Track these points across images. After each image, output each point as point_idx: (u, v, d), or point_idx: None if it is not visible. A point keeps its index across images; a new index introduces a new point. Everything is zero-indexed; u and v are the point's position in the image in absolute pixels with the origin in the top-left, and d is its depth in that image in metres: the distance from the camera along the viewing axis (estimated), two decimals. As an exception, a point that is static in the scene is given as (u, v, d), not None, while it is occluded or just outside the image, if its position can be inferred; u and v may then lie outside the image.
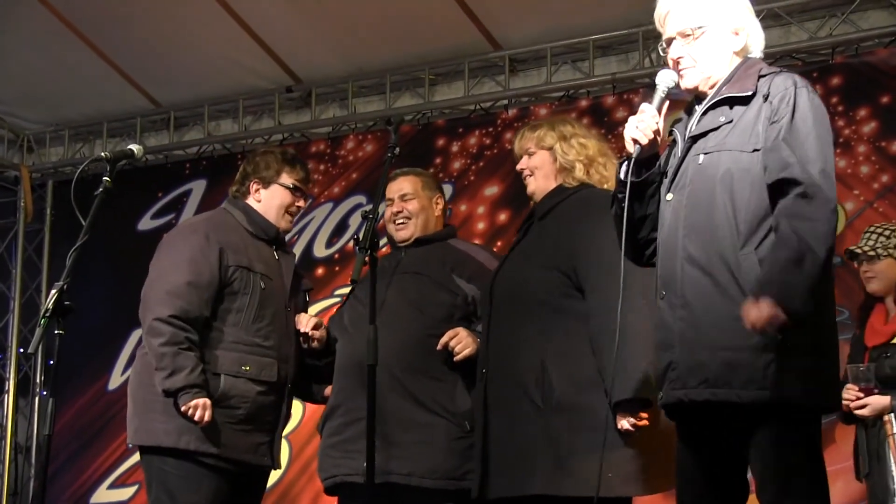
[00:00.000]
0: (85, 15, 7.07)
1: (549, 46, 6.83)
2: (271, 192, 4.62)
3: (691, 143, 3.25)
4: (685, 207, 3.19)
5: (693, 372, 3.09)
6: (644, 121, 3.26)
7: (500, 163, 6.99)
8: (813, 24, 6.39)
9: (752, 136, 3.14)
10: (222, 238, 4.45)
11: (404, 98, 7.37)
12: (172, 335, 4.24)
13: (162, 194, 7.92)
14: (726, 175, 3.13)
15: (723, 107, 3.22)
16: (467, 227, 6.98)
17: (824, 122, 3.14)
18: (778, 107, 3.12)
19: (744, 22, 3.34)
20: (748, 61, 3.30)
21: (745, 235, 3.08)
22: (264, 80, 7.53)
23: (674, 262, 3.17)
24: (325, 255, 7.35)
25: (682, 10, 3.32)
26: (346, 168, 7.48)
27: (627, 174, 3.29)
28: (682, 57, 3.30)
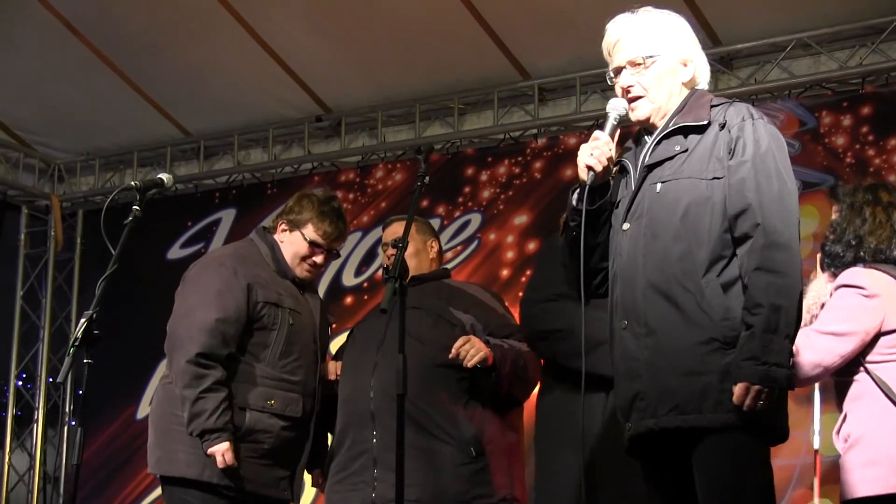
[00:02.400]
0: (116, 45, 7.14)
1: (578, 76, 6.83)
2: (292, 238, 4.58)
3: (646, 172, 3.26)
4: (644, 236, 3.20)
5: (662, 400, 3.09)
6: (598, 147, 3.26)
7: (530, 192, 7.00)
8: (843, 54, 6.37)
9: (711, 164, 3.18)
10: (250, 273, 4.44)
11: (433, 127, 7.39)
12: (199, 375, 4.25)
13: (191, 223, 7.95)
14: (686, 203, 3.15)
15: (677, 136, 3.25)
16: (496, 256, 6.99)
17: (783, 153, 3.20)
18: (737, 137, 3.17)
19: (692, 53, 3.38)
20: (696, 92, 3.36)
21: (707, 262, 3.10)
22: (294, 110, 7.57)
23: (635, 290, 3.17)
24: (353, 283, 7.36)
25: (632, 39, 3.34)
26: (375, 197, 7.49)
27: (581, 201, 3.27)
28: (632, 86, 3.32)
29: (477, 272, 6.97)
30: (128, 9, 6.84)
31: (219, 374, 4.27)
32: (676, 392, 3.07)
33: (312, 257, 4.58)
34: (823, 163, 6.19)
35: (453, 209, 7.17)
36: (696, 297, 3.07)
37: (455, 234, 7.13)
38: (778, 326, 2.99)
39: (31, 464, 7.95)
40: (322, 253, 4.59)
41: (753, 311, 3.02)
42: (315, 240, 4.56)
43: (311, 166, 7.72)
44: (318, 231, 4.56)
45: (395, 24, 6.71)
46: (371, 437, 4.30)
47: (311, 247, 4.56)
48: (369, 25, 6.73)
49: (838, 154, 6.18)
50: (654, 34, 3.34)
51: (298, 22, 6.81)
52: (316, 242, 4.56)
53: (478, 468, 4.26)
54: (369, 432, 4.32)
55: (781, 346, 3.00)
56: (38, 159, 8.25)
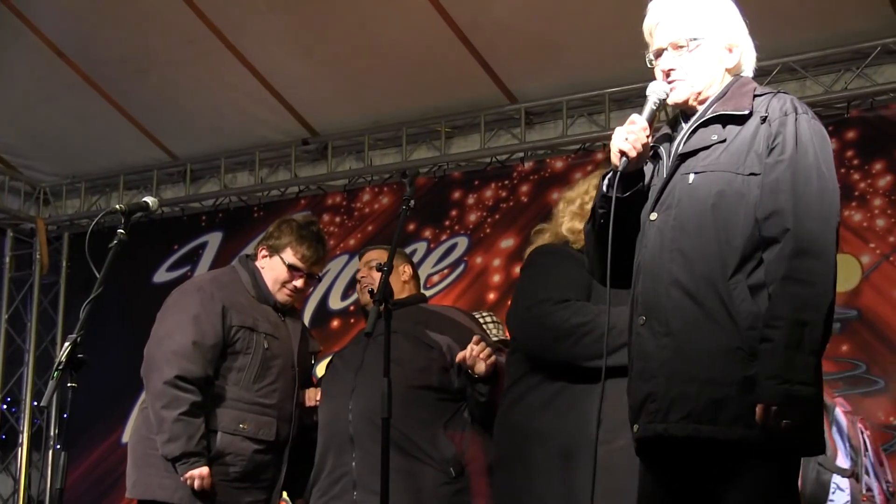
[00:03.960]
0: (102, 69, 7.13)
1: (565, 99, 6.84)
2: (272, 263, 4.61)
3: (680, 161, 3.09)
4: (672, 229, 3.03)
5: (676, 405, 2.92)
6: (633, 132, 3.07)
7: (516, 216, 7.01)
8: (828, 78, 6.37)
9: (749, 159, 3.02)
10: (227, 298, 4.47)
11: (420, 150, 7.36)
12: (175, 399, 4.27)
13: (177, 247, 7.93)
14: (719, 197, 2.99)
15: (715, 125, 3.09)
16: (483, 279, 6.99)
17: (826, 152, 3.03)
18: (777, 133, 3.01)
19: (738, 39, 3.22)
20: (741, 79, 3.19)
21: (736, 262, 2.93)
22: (280, 133, 7.57)
23: (658, 285, 3.01)
24: (340, 307, 7.34)
25: (676, 21, 3.19)
26: (361, 220, 7.47)
27: (612, 188, 3.10)
28: (673, 69, 3.16)
29: (464, 296, 6.97)
30: (115, 32, 6.84)
31: (196, 398, 4.29)
32: (692, 399, 2.89)
33: (292, 282, 4.60)
34: (808, 186, 6.21)
35: (440, 232, 7.15)
36: (723, 299, 2.90)
37: (441, 257, 7.12)
38: (801, 342, 2.81)
39: (16, 488, 7.89)
40: (302, 277, 4.61)
41: (773, 324, 2.84)
42: (294, 263, 4.58)
43: (298, 189, 7.71)
44: (296, 255, 4.59)
45: (382, 48, 6.73)
46: (350, 461, 4.31)
47: (290, 271, 4.59)
48: (356, 49, 6.75)
49: (823, 177, 6.21)
50: (700, 16, 3.17)
51: (285, 46, 6.83)
52: (295, 266, 4.59)
53: (458, 488, 4.27)
54: (349, 456, 4.32)
55: (806, 363, 2.81)
56: (23, 182, 8.24)
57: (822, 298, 2.86)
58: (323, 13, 6.57)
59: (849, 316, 5.89)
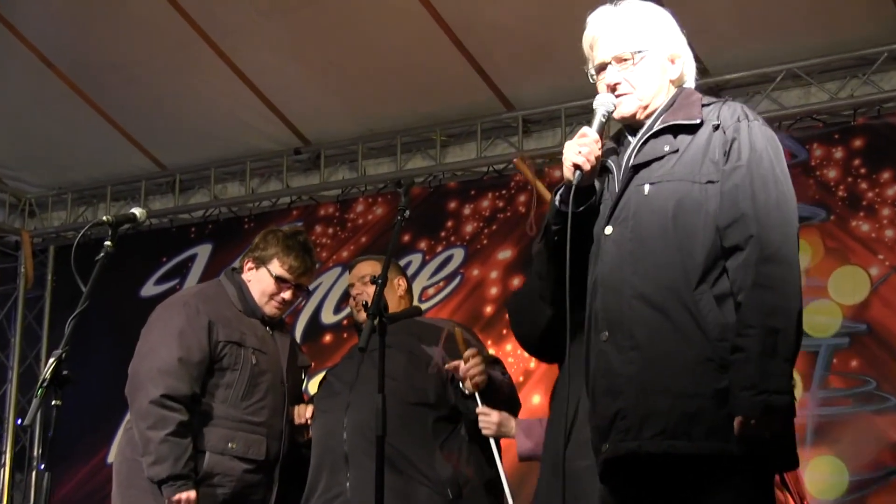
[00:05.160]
0: (90, 77, 7.12)
1: (563, 107, 6.77)
2: (258, 276, 4.59)
3: (632, 172, 3.12)
4: (630, 241, 3.05)
5: (648, 421, 2.91)
6: (587, 144, 3.10)
7: (514, 226, 6.98)
8: (833, 85, 6.35)
9: (704, 167, 3.05)
10: (213, 312, 4.45)
11: (415, 160, 7.35)
12: (161, 419, 4.24)
13: (166, 259, 7.89)
14: (678, 207, 3.02)
15: (666, 135, 3.12)
16: (479, 292, 6.97)
17: (780, 157, 3.08)
18: (731, 139, 3.05)
19: (680, 49, 3.28)
20: (685, 90, 3.25)
21: (700, 273, 2.96)
22: (272, 142, 7.54)
23: (620, 299, 3.01)
24: (333, 321, 7.30)
25: (618, 34, 3.23)
26: (355, 231, 7.45)
27: (566, 203, 3.12)
28: (619, 83, 3.20)
29: (460, 309, 6.94)
30: (102, 40, 6.83)
31: (183, 417, 4.26)
32: (665, 414, 2.89)
33: (280, 294, 4.58)
34: (815, 196, 6.16)
35: (435, 244, 7.13)
36: (690, 310, 2.92)
37: (437, 269, 7.10)
38: (775, 349, 2.84)
39: (-1, 509, 7.89)
40: (290, 288, 4.59)
41: (745, 333, 2.86)
42: (281, 275, 4.56)
43: (290, 200, 7.70)
44: (283, 266, 4.57)
45: (376, 55, 6.71)
46: (344, 480, 4.29)
47: (277, 283, 4.57)
48: (349, 56, 6.73)
49: (830, 187, 6.16)
50: (642, 28, 3.23)
51: (277, 53, 6.81)
52: (282, 278, 4.57)
53: None
54: (343, 475, 4.31)
55: (781, 371, 2.84)
56: (8, 194, 8.21)
57: (791, 304, 2.90)
58: (315, 19, 6.55)
59: (858, 330, 5.86)
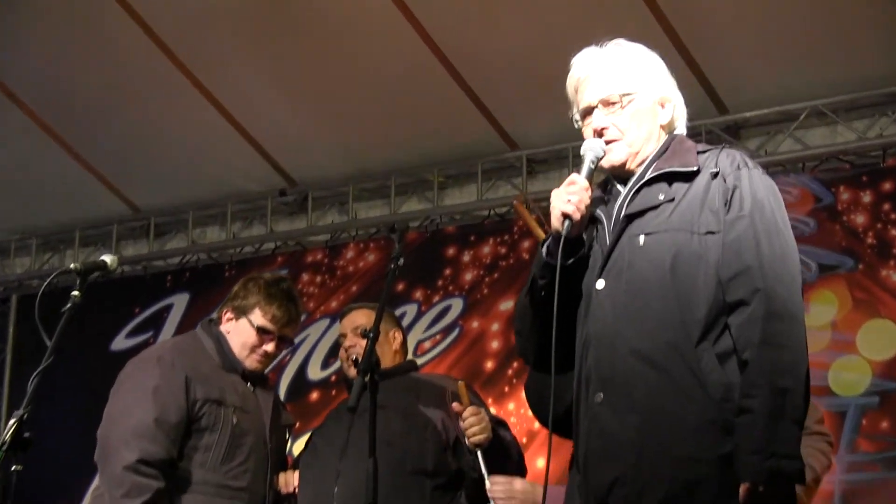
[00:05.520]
0: (58, 111, 7.11)
1: (570, 146, 6.67)
2: (239, 327, 4.53)
3: (625, 223, 3.11)
4: (625, 295, 3.03)
5: (649, 489, 2.90)
6: (576, 193, 3.09)
7: (517, 274, 6.93)
8: (861, 124, 6.38)
9: (703, 217, 3.05)
10: (190, 367, 4.38)
11: (410, 202, 7.39)
12: (136, 486, 4.13)
13: (139, 310, 7.86)
14: (676, 259, 3.01)
15: (660, 183, 3.13)
16: (479, 346, 6.93)
17: (781, 207, 3.09)
18: (733, 187, 3.06)
19: (670, 93, 3.28)
20: (677, 137, 3.26)
21: (701, 329, 2.95)
22: (255, 183, 7.55)
23: (614, 357, 3.00)
24: (320, 377, 7.28)
25: (605, 76, 3.22)
26: (345, 280, 7.43)
27: (554, 255, 3.08)
28: (606, 128, 3.18)
29: (458, 364, 6.92)
30: (73, 72, 6.84)
31: (160, 484, 4.16)
32: (666, 481, 2.89)
33: (262, 346, 4.53)
34: (842, 243, 6.16)
35: (432, 293, 7.13)
36: (692, 368, 2.92)
37: (434, 321, 7.08)
38: (784, 411, 2.84)
39: (-46, 582, 7.81)
40: (272, 340, 4.55)
41: (751, 393, 2.86)
42: (263, 325, 4.52)
43: (275, 245, 7.70)
44: (266, 315, 4.52)
45: (368, 89, 6.72)
46: None
47: (259, 334, 4.52)
48: (340, 90, 6.75)
49: (858, 234, 6.15)
50: (630, 70, 3.23)
51: (261, 86, 6.83)
52: (265, 328, 4.52)
53: None
54: None
55: (790, 434, 2.85)
56: (-34, 238, 8.21)
57: (800, 364, 2.91)
58: (304, 51, 6.58)
59: (889, 388, 5.85)
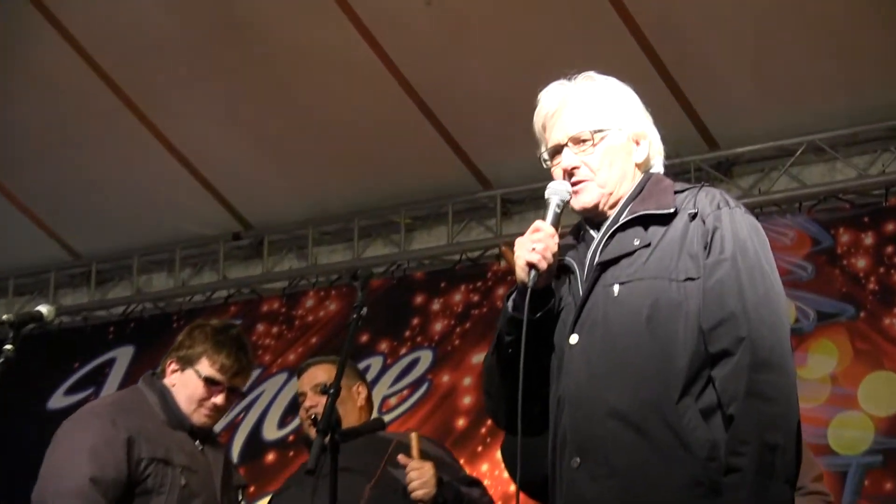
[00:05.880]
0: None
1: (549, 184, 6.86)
2: (184, 379, 4.50)
3: (598, 272, 3.07)
4: (600, 350, 3.00)
5: None
6: (541, 240, 3.05)
7: (491, 324, 6.87)
8: (862, 160, 6.40)
9: (682, 262, 3.03)
10: (132, 424, 4.34)
11: (375, 246, 7.39)
12: None
13: (79, 365, 7.83)
14: (653, 309, 2.99)
15: (635, 227, 3.09)
16: (450, 402, 6.91)
17: (766, 248, 3.07)
18: (713, 228, 3.04)
19: (645, 129, 3.25)
20: (654, 176, 3.23)
21: (682, 384, 2.94)
22: (206, 225, 7.56)
23: (591, 418, 2.98)
24: (276, 437, 7.27)
25: (574, 111, 3.18)
26: (303, 331, 7.42)
27: (520, 309, 3.06)
28: (576, 167, 3.14)
29: (427, 421, 6.89)
30: (8, 106, 6.84)
31: None
32: None
33: (211, 398, 4.50)
34: (842, 290, 6.18)
35: (398, 345, 7.12)
36: (673, 427, 2.91)
37: (400, 375, 7.08)
38: (774, 469, 2.84)
39: None
40: (222, 392, 4.51)
41: (739, 450, 2.85)
42: (211, 376, 4.49)
43: (227, 293, 7.70)
44: (214, 365, 4.49)
45: (330, 125, 6.75)
46: None
47: (207, 385, 4.49)
48: (300, 125, 6.78)
49: (859, 279, 6.18)
50: (601, 105, 3.19)
51: (214, 122, 6.86)
52: (213, 379, 4.49)
53: None
54: None
55: (781, 494, 2.84)
56: None
57: (790, 417, 2.91)
58: (261, 84, 6.61)
59: (892, 446, 5.85)
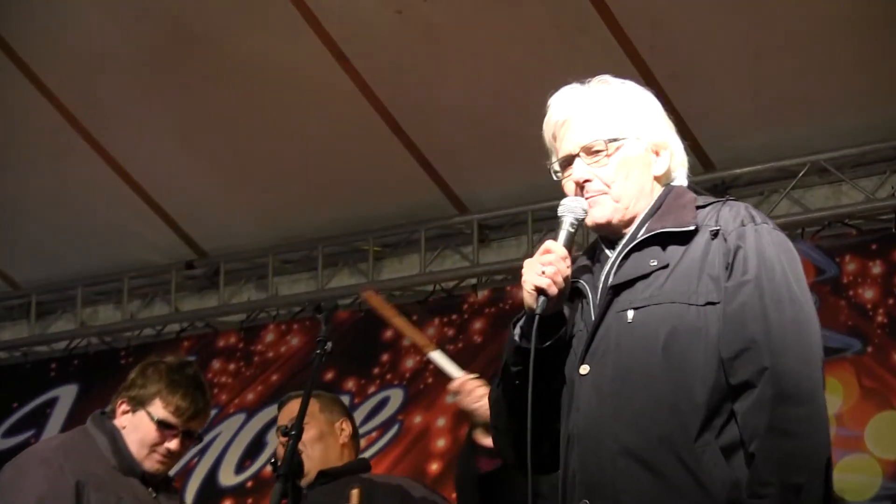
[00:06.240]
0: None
1: (529, 209, 6.81)
2: (136, 421, 4.48)
3: (612, 295, 3.07)
4: (612, 382, 3.00)
5: None
6: (551, 263, 3.03)
7: (468, 360, 6.68)
8: (870, 182, 6.42)
9: (702, 285, 3.00)
10: (80, 470, 4.31)
11: (341, 276, 7.40)
12: None
13: (18, 405, 7.83)
14: (670, 337, 2.97)
15: (652, 247, 3.08)
16: (423, 444, 6.89)
17: (796, 267, 3.03)
18: (735, 247, 3.01)
19: (666, 138, 3.20)
20: (674, 189, 3.20)
21: (701, 419, 2.92)
22: (157, 253, 7.56)
23: (601, 457, 2.97)
24: (234, 482, 7.25)
25: (588, 118, 3.16)
26: (263, 368, 7.41)
27: (528, 338, 3.05)
28: (589, 180, 3.12)
29: (398, 465, 6.91)
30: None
31: None
32: None
33: (164, 443, 4.49)
34: (847, 322, 6.21)
35: (367, 383, 7.13)
36: (690, 467, 2.89)
37: (369, 415, 7.06)
38: None
39: None
40: (176, 436, 4.50)
41: (760, 492, 2.84)
42: (165, 419, 4.48)
43: (180, 327, 7.68)
44: (168, 407, 4.48)
45: (293, 143, 6.74)
46: None
47: (160, 429, 4.48)
48: (260, 146, 6.77)
49: (866, 311, 6.23)
50: (617, 112, 3.17)
51: (166, 141, 6.84)
52: (167, 422, 4.48)
53: None
54: None
55: None
56: None
57: (816, 454, 2.88)
58: (215, 100, 6.60)
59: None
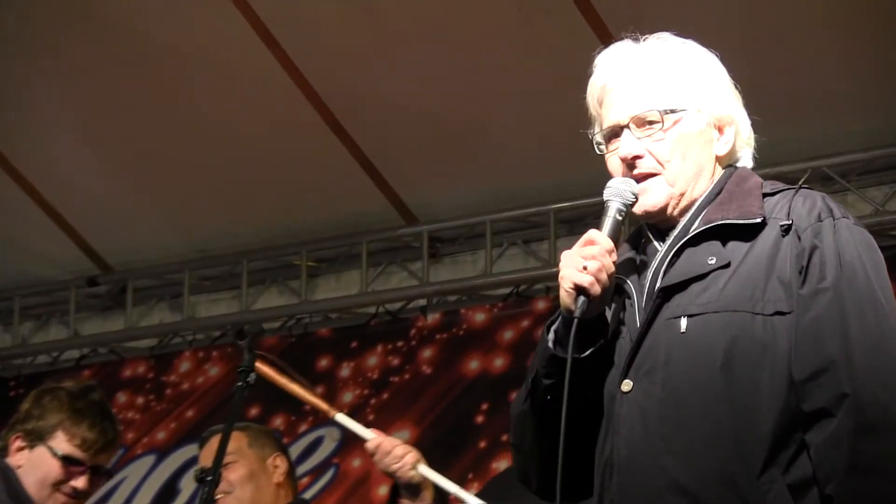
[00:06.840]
0: None
1: (488, 219, 6.80)
2: (34, 458, 4.47)
3: (661, 299, 2.99)
4: (660, 404, 2.94)
5: None
6: (595, 256, 2.94)
7: (416, 395, 6.90)
8: (879, 192, 6.46)
9: (770, 291, 2.93)
10: None
11: (268, 295, 7.38)
12: None
13: None
14: (730, 352, 2.90)
15: (711, 241, 3.00)
16: (362, 492, 6.84)
17: (881, 271, 2.96)
18: (811, 248, 2.94)
19: (732, 111, 3.13)
20: (737, 171, 3.12)
21: (766, 451, 2.86)
22: (53, 268, 7.51)
23: (646, 491, 2.92)
24: (145, 532, 7.19)
25: (642, 84, 3.08)
26: (177, 402, 7.37)
27: (564, 344, 2.99)
28: (639, 156, 3.04)
29: (334, 515, 6.83)
30: None
31: None
32: None
33: (69, 481, 4.48)
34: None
35: (297, 421, 7.10)
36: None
37: (301, 457, 7.01)
38: None
39: None
40: (84, 473, 4.49)
41: None
42: (70, 454, 4.46)
43: (80, 354, 7.65)
44: (73, 440, 4.47)
45: (214, 142, 6.70)
46: None
47: (65, 466, 4.46)
48: (174, 143, 6.72)
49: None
50: (678, 78, 3.07)
51: (64, 137, 6.79)
52: (72, 458, 4.46)
53: None
54: None
55: None
56: None
57: None
58: (123, 89, 6.54)
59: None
